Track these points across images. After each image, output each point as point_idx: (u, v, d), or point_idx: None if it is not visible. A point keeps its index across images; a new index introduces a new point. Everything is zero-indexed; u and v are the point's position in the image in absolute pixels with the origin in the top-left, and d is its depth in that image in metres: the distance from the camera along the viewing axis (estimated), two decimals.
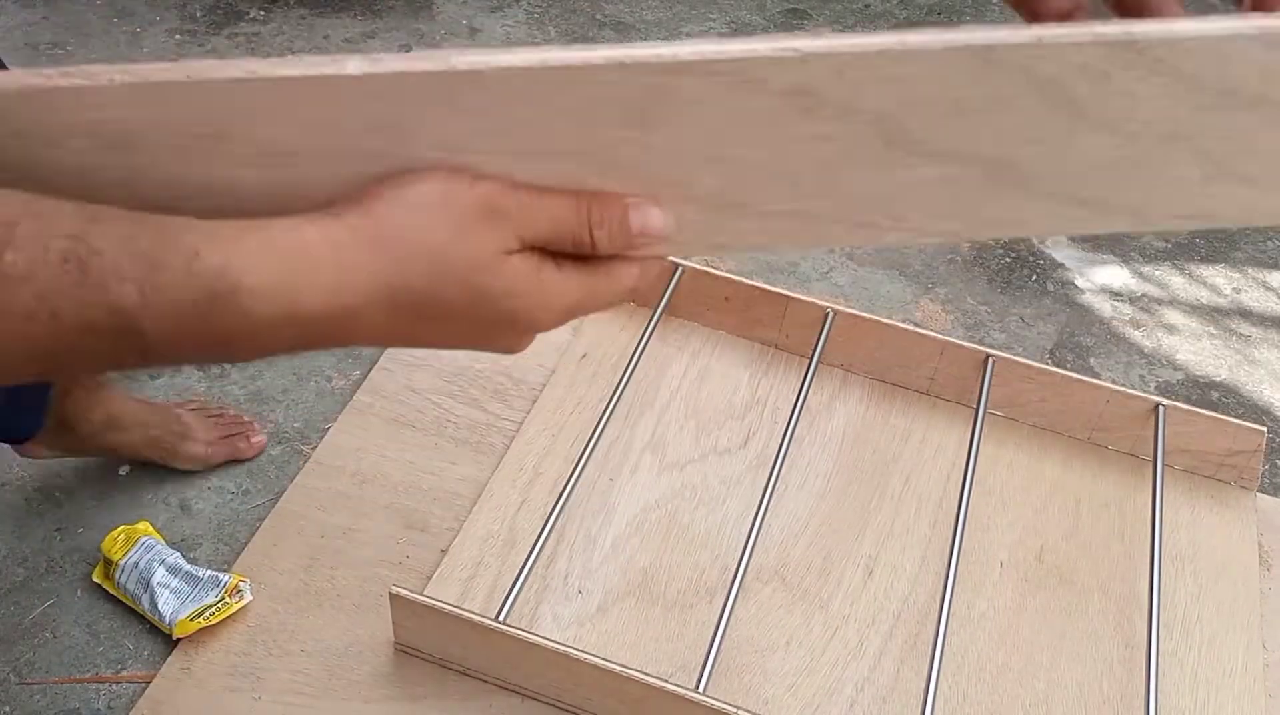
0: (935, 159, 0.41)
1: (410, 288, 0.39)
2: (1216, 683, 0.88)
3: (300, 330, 0.38)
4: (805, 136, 0.40)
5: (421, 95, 0.38)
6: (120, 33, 1.46)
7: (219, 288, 0.36)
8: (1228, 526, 0.99)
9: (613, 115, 0.39)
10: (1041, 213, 0.43)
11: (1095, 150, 0.40)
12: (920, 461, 1.00)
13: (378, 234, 0.39)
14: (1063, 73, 0.37)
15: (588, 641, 0.85)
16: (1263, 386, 1.16)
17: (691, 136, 0.40)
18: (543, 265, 0.41)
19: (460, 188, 0.40)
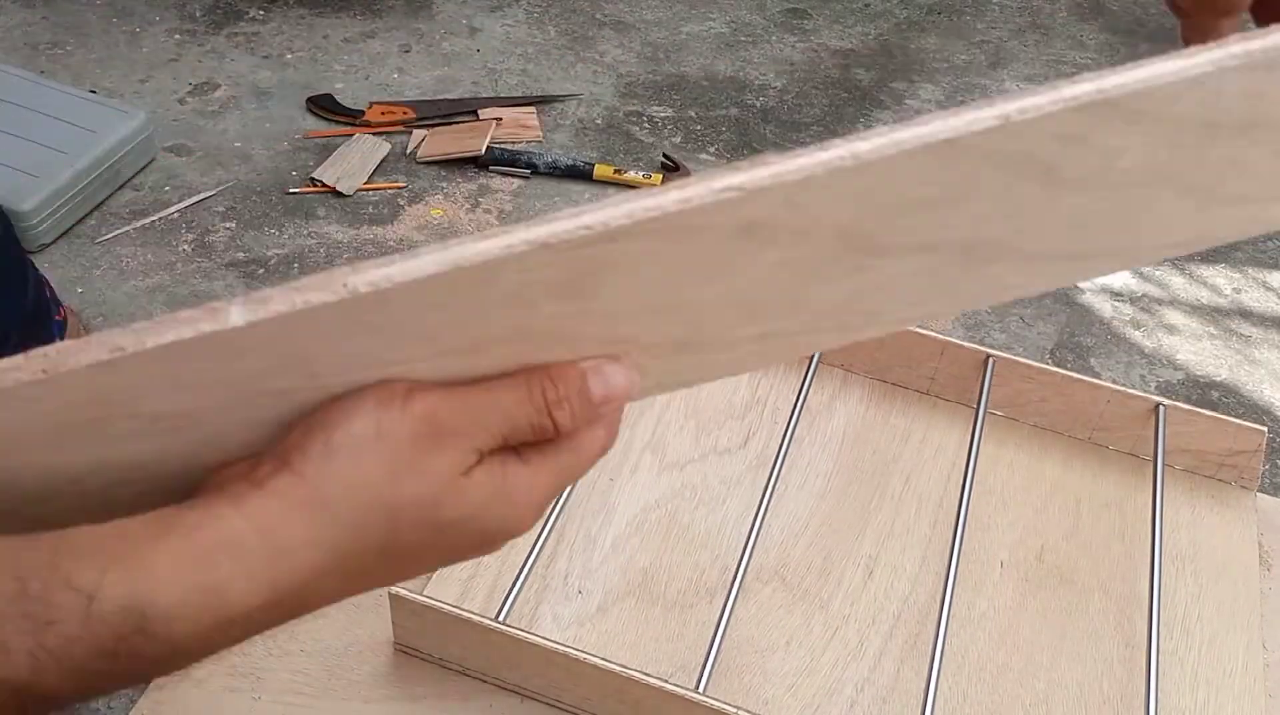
0: (906, 254, 0.37)
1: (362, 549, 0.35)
2: (1217, 682, 0.88)
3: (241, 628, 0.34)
4: (762, 264, 0.36)
5: (320, 328, 0.33)
6: (120, 32, 1.46)
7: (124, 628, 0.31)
8: (1228, 526, 0.98)
9: (547, 294, 0.35)
10: (1027, 275, 0.41)
11: (1075, 208, 0.37)
12: (920, 461, 1.00)
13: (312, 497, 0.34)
14: (1034, 147, 0.34)
15: (588, 641, 0.85)
16: (1263, 386, 1.16)
17: (638, 292, 0.36)
18: (506, 469, 0.37)
19: (394, 415, 0.35)
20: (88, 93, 1.31)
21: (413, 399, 0.35)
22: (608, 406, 0.38)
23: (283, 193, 1.27)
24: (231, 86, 1.40)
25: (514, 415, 0.37)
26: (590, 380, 0.38)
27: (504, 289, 0.34)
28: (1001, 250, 0.38)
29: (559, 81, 1.47)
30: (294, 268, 1.18)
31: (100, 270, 1.16)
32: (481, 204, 1.28)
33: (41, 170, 1.17)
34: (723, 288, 0.37)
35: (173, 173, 1.28)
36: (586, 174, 1.31)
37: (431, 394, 0.35)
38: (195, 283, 1.15)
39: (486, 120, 1.38)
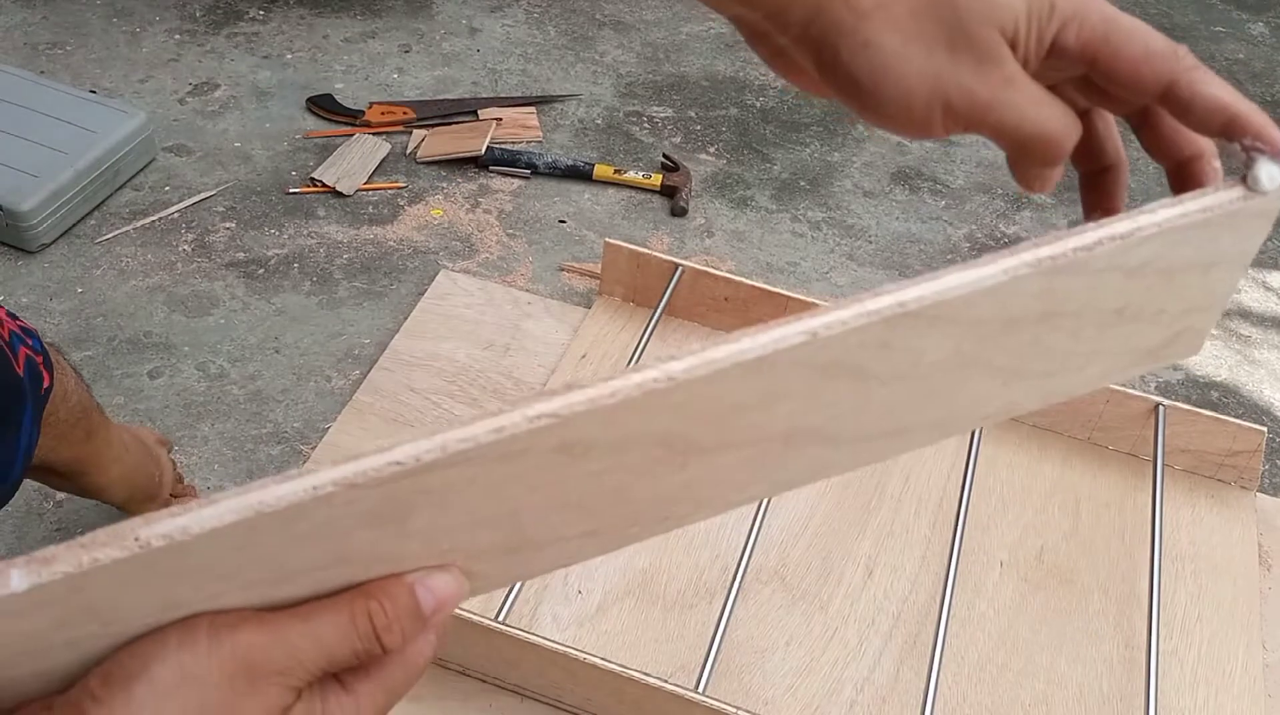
0: (726, 450, 0.38)
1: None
2: (1216, 683, 0.88)
3: None
4: (583, 474, 0.36)
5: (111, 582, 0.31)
6: (120, 32, 1.46)
7: None
8: (1228, 526, 0.98)
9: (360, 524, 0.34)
10: (846, 456, 0.42)
11: (887, 397, 0.39)
12: (920, 462, 1.00)
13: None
14: (841, 355, 0.36)
15: (587, 642, 0.85)
16: (1263, 387, 1.16)
17: (458, 511, 0.35)
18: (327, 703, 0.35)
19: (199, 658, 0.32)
20: (88, 93, 1.31)
21: (220, 637, 0.33)
22: (438, 617, 0.36)
23: (283, 193, 1.27)
24: (231, 86, 1.40)
25: (335, 647, 0.35)
26: (419, 593, 0.36)
27: (312, 524, 0.33)
28: (819, 436, 0.40)
29: (559, 81, 1.47)
30: (294, 267, 1.18)
31: (100, 270, 1.16)
32: (481, 204, 1.28)
33: (41, 170, 1.17)
34: (545, 496, 0.36)
35: (172, 173, 1.28)
36: (586, 174, 1.31)
37: (242, 630, 0.33)
38: (195, 283, 1.15)
39: (486, 120, 1.38)
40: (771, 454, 0.40)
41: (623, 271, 1.11)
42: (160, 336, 1.10)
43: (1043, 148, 0.41)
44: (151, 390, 1.05)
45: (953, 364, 0.39)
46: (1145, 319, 0.42)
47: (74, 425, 0.77)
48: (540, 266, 1.21)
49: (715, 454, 0.38)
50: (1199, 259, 0.41)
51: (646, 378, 0.34)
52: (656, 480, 0.38)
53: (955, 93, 0.40)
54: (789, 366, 0.35)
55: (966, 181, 1.38)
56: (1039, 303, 0.38)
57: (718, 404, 0.36)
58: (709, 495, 0.41)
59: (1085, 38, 0.39)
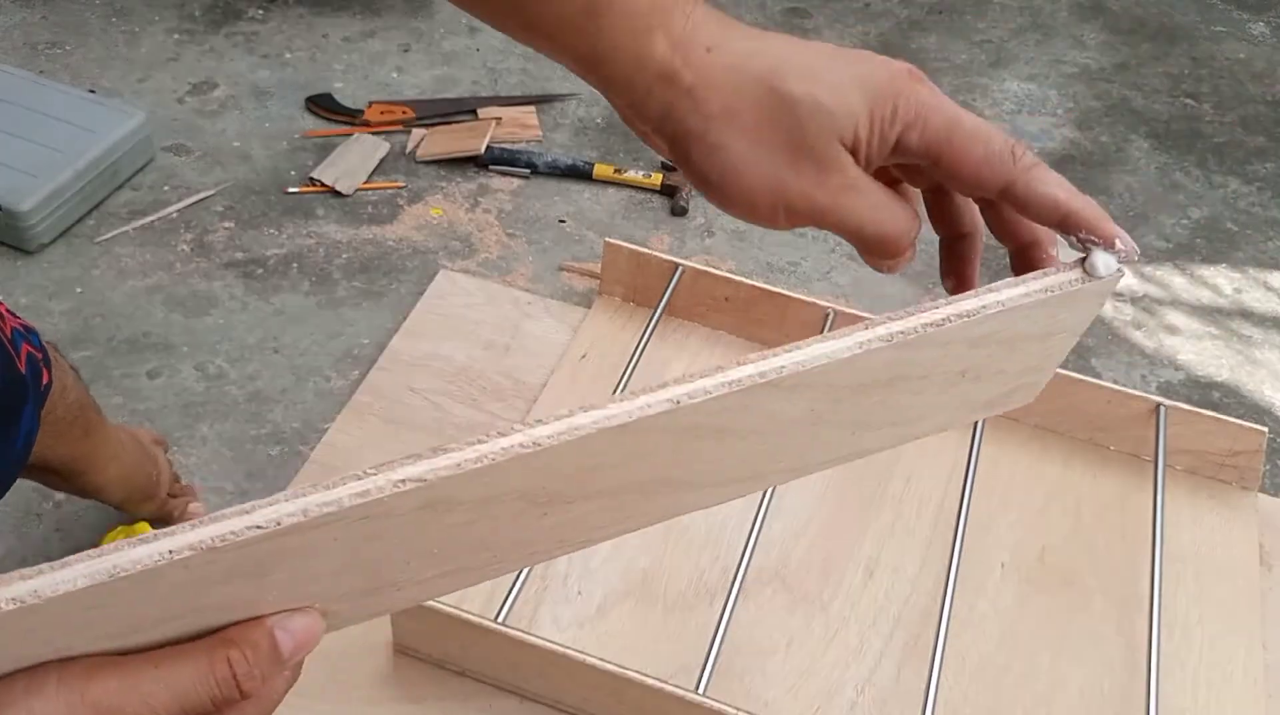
0: (588, 500, 0.40)
1: None
2: (1217, 683, 0.88)
3: None
4: (446, 526, 0.37)
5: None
6: (119, 32, 1.46)
7: None
8: (1229, 527, 0.98)
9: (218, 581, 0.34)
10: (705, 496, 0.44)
11: (743, 449, 0.42)
12: (921, 462, 1.00)
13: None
14: (702, 419, 0.38)
15: (587, 643, 0.85)
16: (1264, 387, 1.16)
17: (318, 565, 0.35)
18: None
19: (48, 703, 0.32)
20: (86, 92, 1.31)
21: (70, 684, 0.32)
22: (295, 659, 0.37)
23: (282, 192, 1.26)
24: (230, 86, 1.40)
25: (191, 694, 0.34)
26: (278, 636, 0.36)
27: (168, 584, 0.32)
28: (679, 484, 0.42)
29: (559, 81, 1.46)
30: (293, 267, 1.18)
31: (99, 270, 1.16)
32: (481, 203, 1.27)
33: (40, 170, 1.16)
34: (406, 547, 0.37)
35: (171, 172, 1.28)
36: (586, 173, 1.31)
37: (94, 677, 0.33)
38: (194, 283, 1.15)
39: (486, 119, 1.37)
40: (630, 502, 0.42)
41: (623, 271, 1.10)
42: (159, 336, 1.10)
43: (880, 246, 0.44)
44: (150, 390, 1.04)
45: (806, 421, 0.41)
46: (985, 379, 0.46)
47: (72, 423, 0.77)
48: (540, 266, 1.21)
49: (576, 504, 0.39)
50: (1038, 331, 0.44)
51: (513, 443, 0.35)
52: (518, 527, 0.39)
53: (796, 197, 0.43)
54: (652, 431, 0.37)
55: None
56: (888, 370, 0.41)
57: (581, 464, 0.37)
58: (569, 536, 0.42)
59: (927, 141, 0.42)
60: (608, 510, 0.41)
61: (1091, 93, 1.54)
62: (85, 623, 0.33)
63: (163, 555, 0.31)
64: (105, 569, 0.31)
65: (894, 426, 0.47)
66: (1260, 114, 1.53)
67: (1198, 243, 1.33)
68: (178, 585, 0.33)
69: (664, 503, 0.43)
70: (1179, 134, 1.48)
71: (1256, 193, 1.41)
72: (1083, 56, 1.61)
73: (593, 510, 0.41)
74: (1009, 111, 1.49)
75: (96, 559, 0.31)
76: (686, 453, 0.40)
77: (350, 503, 0.33)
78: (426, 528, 0.36)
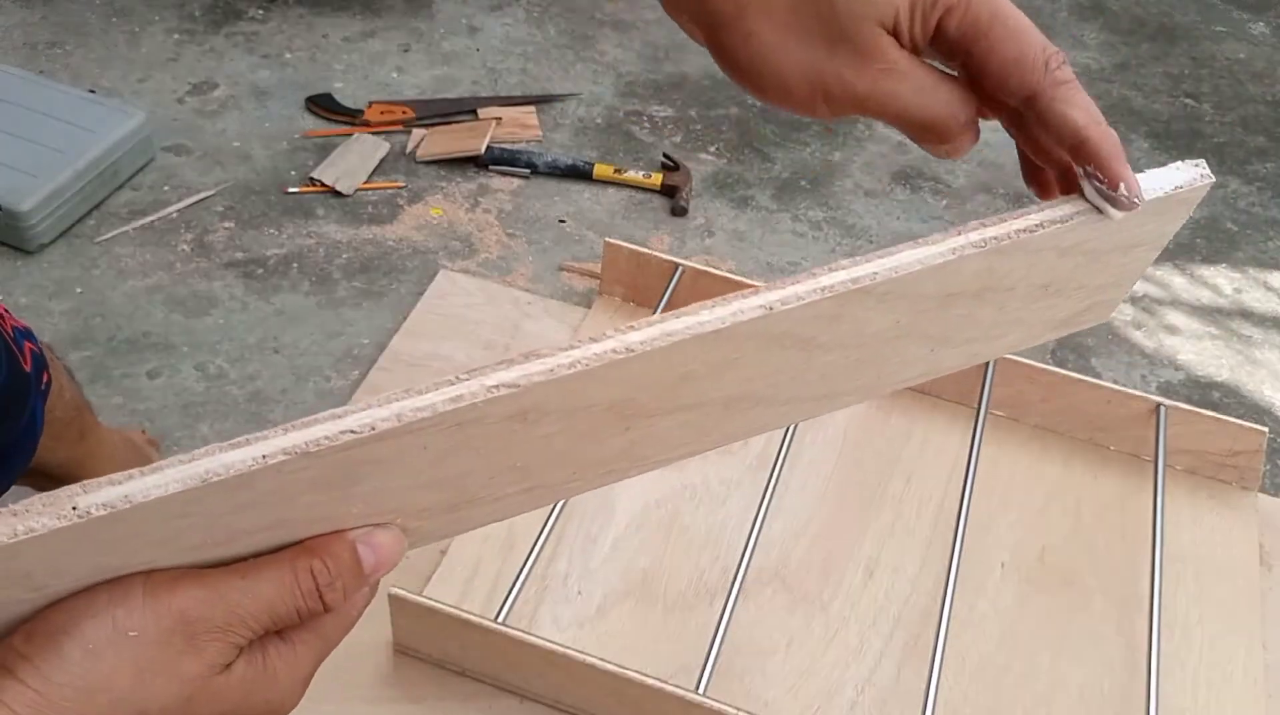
0: (671, 414, 0.40)
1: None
2: (1217, 684, 0.87)
3: None
4: (532, 438, 0.36)
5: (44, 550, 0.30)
6: (119, 32, 1.46)
7: None
8: (1229, 527, 0.98)
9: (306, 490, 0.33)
10: (779, 415, 0.44)
11: (827, 364, 0.41)
12: (921, 462, 1.00)
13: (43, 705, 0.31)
14: (793, 327, 0.37)
15: (587, 643, 0.85)
16: (1264, 387, 1.16)
17: (405, 476, 0.35)
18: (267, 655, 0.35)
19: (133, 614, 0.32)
20: (87, 92, 1.31)
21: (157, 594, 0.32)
22: (377, 575, 0.37)
23: (282, 192, 1.26)
24: (230, 86, 1.40)
25: (278, 604, 0.34)
26: (361, 551, 0.36)
27: (258, 492, 0.32)
28: (758, 400, 0.42)
29: (559, 81, 1.46)
30: (293, 267, 1.18)
31: (99, 270, 1.16)
32: (481, 204, 1.27)
33: (40, 170, 1.16)
34: (491, 460, 0.37)
35: (172, 172, 1.28)
36: (586, 173, 1.31)
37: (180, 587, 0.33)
38: (194, 283, 1.15)
39: (486, 120, 1.37)
40: (710, 417, 0.41)
41: (623, 271, 1.10)
42: (159, 336, 1.10)
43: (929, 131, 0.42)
44: (150, 390, 1.04)
45: (890, 334, 0.41)
46: (1066, 293, 0.45)
47: (69, 423, 0.77)
48: (540, 266, 1.21)
49: (659, 418, 0.39)
50: (1124, 241, 0.43)
51: (605, 348, 0.34)
52: (600, 442, 0.39)
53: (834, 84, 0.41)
54: (743, 338, 0.36)
55: (968, 181, 1.38)
56: (977, 280, 0.40)
57: (670, 373, 0.36)
58: (647, 453, 0.42)
59: (965, 28, 0.40)
60: (687, 426, 0.41)
61: (1091, 93, 1.53)
62: (171, 534, 0.32)
63: (256, 460, 0.31)
64: (198, 473, 0.30)
65: (972, 344, 0.46)
66: (1260, 114, 1.53)
67: (1198, 243, 1.33)
68: (266, 493, 0.32)
69: (742, 419, 0.43)
70: (1179, 134, 1.48)
71: (1256, 193, 1.41)
72: (1083, 56, 1.61)
73: (673, 426, 0.40)
74: None
75: (188, 464, 0.31)
76: (771, 365, 0.39)
77: (444, 408, 0.32)
78: (513, 439, 0.36)
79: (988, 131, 0.45)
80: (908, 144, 1.41)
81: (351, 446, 0.32)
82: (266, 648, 0.35)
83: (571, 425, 0.37)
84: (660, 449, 0.42)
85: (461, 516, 0.40)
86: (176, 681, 0.32)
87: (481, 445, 0.35)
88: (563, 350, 0.34)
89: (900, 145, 1.42)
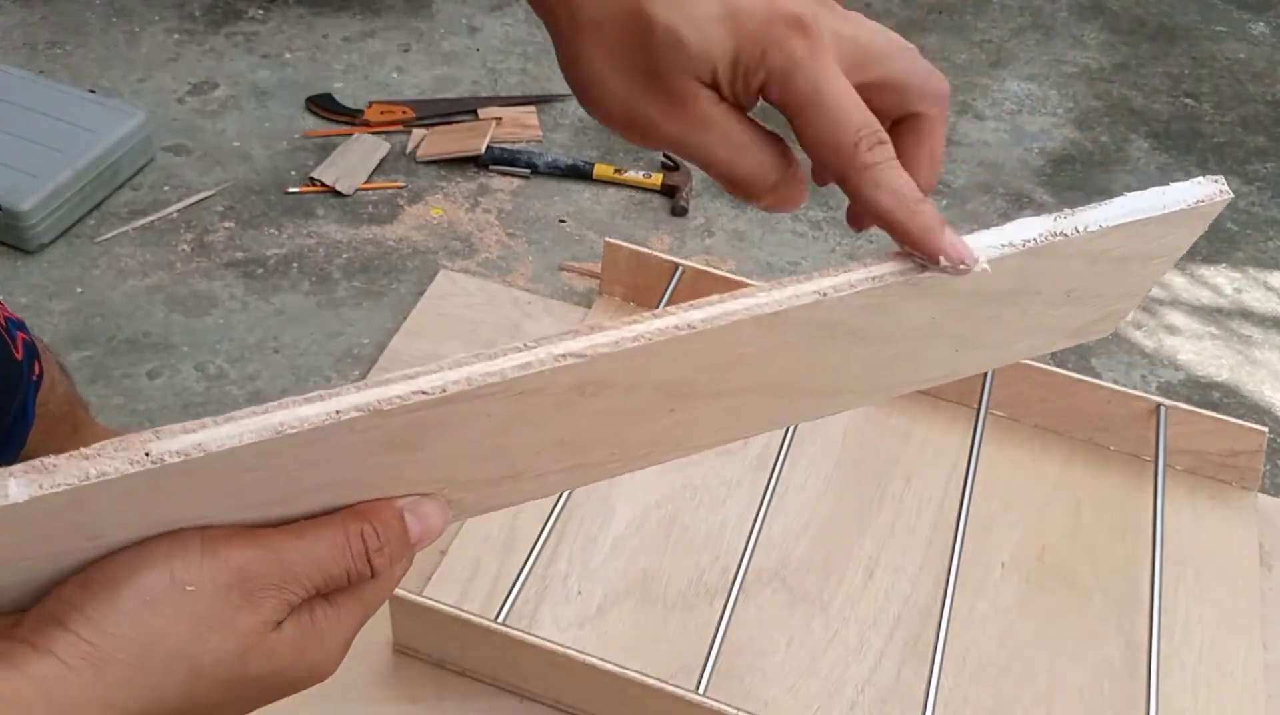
0: (717, 398, 0.41)
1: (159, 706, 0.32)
2: (1217, 684, 0.87)
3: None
4: (586, 413, 0.38)
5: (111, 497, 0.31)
6: (119, 32, 1.46)
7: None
8: (1229, 527, 0.98)
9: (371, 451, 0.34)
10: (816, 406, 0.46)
11: (865, 357, 0.43)
12: (921, 462, 1.00)
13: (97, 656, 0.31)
14: (843, 316, 0.39)
15: (587, 643, 0.85)
16: (1264, 387, 1.16)
17: (463, 443, 0.36)
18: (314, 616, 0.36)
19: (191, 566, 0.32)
20: (87, 92, 1.31)
21: (214, 549, 0.33)
22: (422, 544, 0.38)
23: (282, 192, 1.26)
24: (230, 86, 1.40)
25: (330, 565, 0.35)
26: (408, 519, 0.37)
27: (326, 448, 0.33)
28: (798, 389, 0.43)
29: (559, 81, 1.46)
30: (293, 267, 1.18)
31: (99, 270, 1.16)
32: (481, 204, 1.27)
33: (40, 170, 1.16)
34: (544, 432, 0.38)
35: (172, 172, 1.28)
36: (586, 173, 1.31)
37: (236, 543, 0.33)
38: (194, 282, 1.15)
39: (486, 120, 1.37)
40: (752, 403, 0.42)
41: (623, 271, 1.10)
42: (159, 336, 1.10)
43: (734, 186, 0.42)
44: (150, 390, 1.04)
45: (924, 332, 0.42)
46: (1085, 302, 0.46)
47: (62, 417, 0.77)
48: (540, 266, 1.21)
49: (705, 401, 0.40)
50: (1147, 251, 0.44)
51: (668, 324, 0.35)
52: (645, 422, 0.40)
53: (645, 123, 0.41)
54: (796, 324, 0.37)
55: (968, 181, 1.38)
56: (1013, 281, 0.41)
57: (725, 354, 0.38)
58: (686, 437, 0.43)
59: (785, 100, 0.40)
60: (729, 411, 0.42)
61: (1092, 92, 1.54)
62: (234, 488, 0.32)
63: (330, 415, 0.31)
64: (272, 425, 0.31)
65: (993, 347, 0.47)
66: (1260, 114, 1.53)
67: (1198, 243, 1.33)
68: (333, 450, 0.33)
69: (782, 407, 0.44)
70: (1179, 134, 1.48)
71: (1256, 193, 1.41)
72: (1083, 56, 1.61)
73: (715, 411, 0.41)
74: (1009, 111, 1.49)
75: (263, 415, 0.31)
76: (817, 354, 0.41)
77: (513, 374, 0.33)
78: (569, 412, 0.37)
79: (987, 132, 0.45)
80: None
81: (421, 407, 0.32)
82: (314, 609, 0.36)
83: (624, 402, 0.38)
84: (700, 433, 0.43)
85: (502, 491, 0.41)
86: (233, 636, 0.33)
87: (539, 416, 0.36)
88: (626, 324, 0.35)
89: None
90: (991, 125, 1.45)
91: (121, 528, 0.32)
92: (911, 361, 0.45)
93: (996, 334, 0.46)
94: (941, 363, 0.47)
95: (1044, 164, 1.41)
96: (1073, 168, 1.41)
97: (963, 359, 0.47)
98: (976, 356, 0.48)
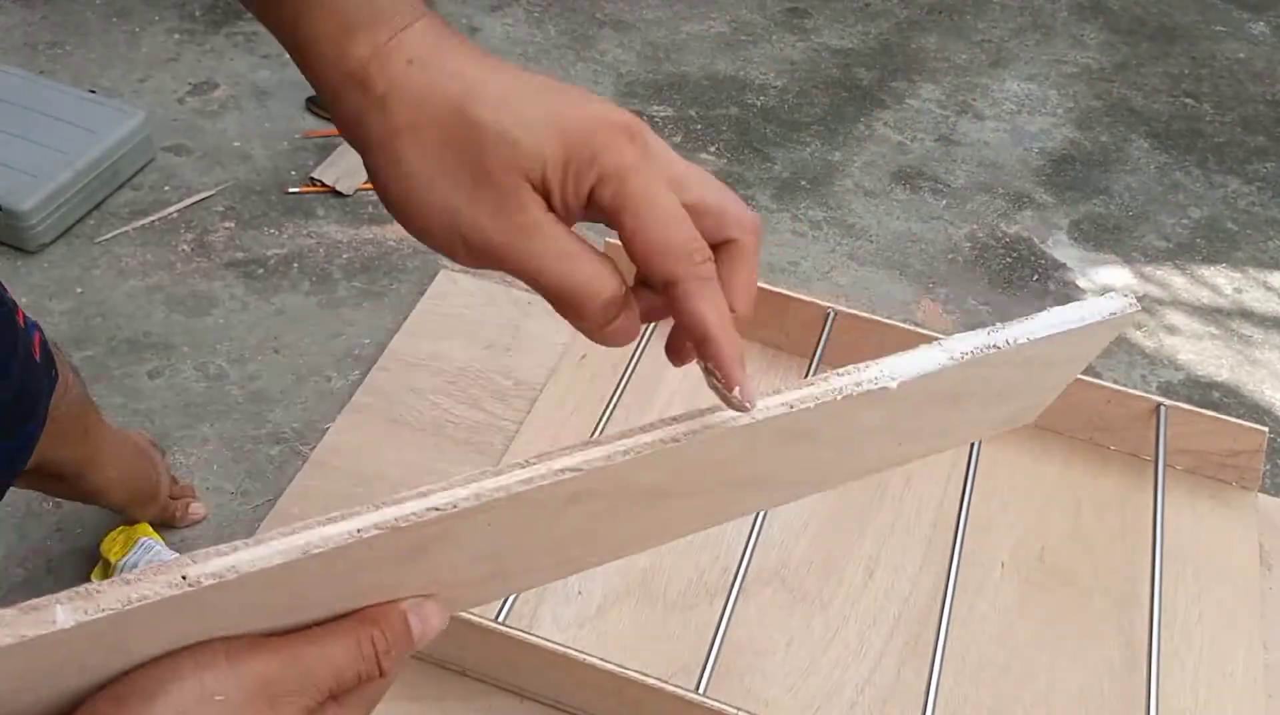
0: (693, 496, 0.45)
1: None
2: (1217, 683, 0.88)
3: None
4: (578, 517, 0.40)
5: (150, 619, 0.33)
6: (119, 32, 1.46)
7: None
8: (1229, 527, 0.98)
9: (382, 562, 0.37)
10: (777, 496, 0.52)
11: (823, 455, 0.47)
12: (921, 462, 1.00)
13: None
14: (806, 424, 0.42)
15: (587, 643, 0.85)
16: (1264, 387, 1.16)
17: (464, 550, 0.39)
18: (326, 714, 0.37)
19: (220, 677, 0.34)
20: (87, 92, 1.31)
21: (238, 659, 0.34)
22: (423, 643, 0.39)
23: (282, 192, 1.27)
24: (231, 86, 1.40)
25: (343, 668, 0.37)
26: (411, 620, 0.39)
27: (347, 564, 0.35)
28: (764, 483, 0.48)
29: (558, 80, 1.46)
30: (293, 267, 1.18)
31: (99, 270, 1.16)
32: None
33: (40, 170, 1.16)
34: (536, 535, 0.41)
35: (172, 172, 1.28)
36: None
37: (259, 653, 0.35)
38: (194, 283, 1.15)
39: None
40: (721, 498, 0.47)
41: (624, 272, 1.10)
42: (159, 336, 1.10)
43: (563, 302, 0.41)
44: (151, 390, 1.04)
45: (875, 431, 0.46)
46: (1012, 398, 0.52)
47: (74, 420, 0.76)
48: None
49: (681, 499, 0.44)
50: (1068, 355, 0.50)
51: (658, 437, 0.39)
52: (627, 521, 0.44)
53: (471, 230, 0.39)
54: (766, 432, 0.41)
55: (968, 181, 1.38)
56: (956, 386, 0.46)
57: (705, 461, 0.41)
58: (659, 531, 0.47)
59: (616, 203, 0.39)
60: (701, 507, 0.46)
61: (1091, 92, 1.54)
62: (257, 602, 0.34)
63: (351, 534, 0.34)
64: (299, 546, 0.33)
65: (930, 439, 0.52)
66: (1260, 114, 1.53)
67: (1198, 242, 1.33)
68: (352, 566, 0.35)
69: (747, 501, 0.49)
70: (1179, 134, 1.48)
71: (1256, 192, 1.41)
72: (1083, 56, 1.61)
73: (690, 506, 0.45)
74: (1009, 111, 1.49)
75: (289, 536, 0.33)
76: (782, 456, 0.45)
77: (518, 489, 0.36)
78: (564, 517, 0.40)
79: (987, 132, 0.46)
80: (908, 144, 1.42)
81: (434, 522, 0.35)
82: (326, 710, 0.37)
83: (612, 505, 0.41)
84: (672, 526, 0.47)
85: (496, 585, 0.44)
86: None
87: (537, 523, 0.39)
88: (618, 438, 0.38)
89: (900, 145, 1.42)
90: (991, 125, 1.45)
91: (151, 643, 0.34)
92: (860, 454, 0.50)
93: (936, 429, 0.51)
94: (886, 455, 0.51)
95: (1044, 164, 1.41)
96: (1073, 168, 1.41)
97: (906, 450, 0.52)
98: (917, 447, 0.53)
